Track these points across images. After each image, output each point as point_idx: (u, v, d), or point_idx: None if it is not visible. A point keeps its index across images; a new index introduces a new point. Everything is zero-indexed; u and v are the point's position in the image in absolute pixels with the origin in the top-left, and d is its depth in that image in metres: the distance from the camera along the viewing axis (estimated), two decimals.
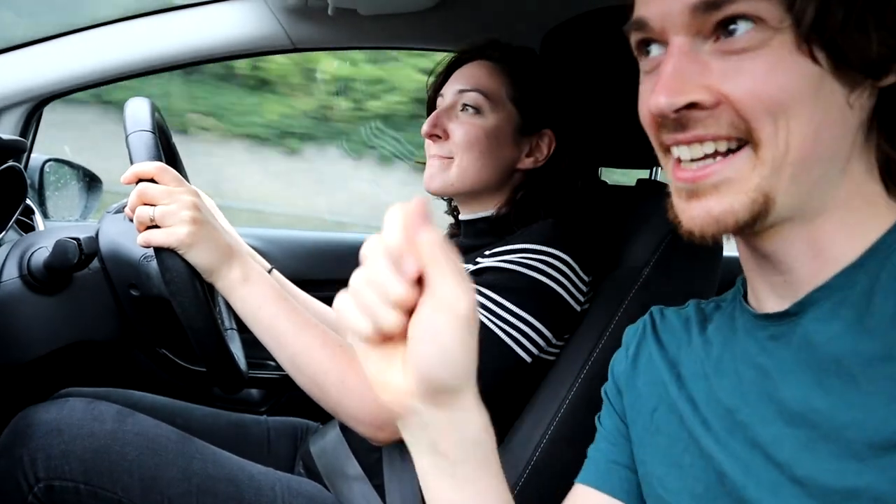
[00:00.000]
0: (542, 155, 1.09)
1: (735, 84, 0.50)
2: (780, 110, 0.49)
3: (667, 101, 0.51)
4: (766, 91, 0.49)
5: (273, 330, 0.94)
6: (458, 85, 1.09)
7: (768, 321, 0.58)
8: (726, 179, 0.52)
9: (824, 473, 0.50)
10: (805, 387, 0.53)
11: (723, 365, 0.62)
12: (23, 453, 0.93)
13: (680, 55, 0.52)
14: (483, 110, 1.06)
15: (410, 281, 0.46)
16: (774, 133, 0.50)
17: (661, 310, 0.75)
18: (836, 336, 0.52)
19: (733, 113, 0.51)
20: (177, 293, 0.88)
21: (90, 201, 1.67)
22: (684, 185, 0.54)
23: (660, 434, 0.66)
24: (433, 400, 0.49)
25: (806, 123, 0.50)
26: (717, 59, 0.51)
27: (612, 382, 0.76)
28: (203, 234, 0.90)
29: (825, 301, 0.54)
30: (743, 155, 0.51)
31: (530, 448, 0.97)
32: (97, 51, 1.39)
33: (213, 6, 1.42)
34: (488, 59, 1.10)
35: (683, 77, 0.51)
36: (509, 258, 0.96)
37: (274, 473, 1.05)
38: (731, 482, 0.56)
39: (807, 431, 0.52)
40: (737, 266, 0.66)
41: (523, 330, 0.94)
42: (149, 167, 0.91)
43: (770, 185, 0.51)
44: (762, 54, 0.50)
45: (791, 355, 0.55)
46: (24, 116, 1.38)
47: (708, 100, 0.51)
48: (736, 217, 0.52)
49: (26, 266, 1.02)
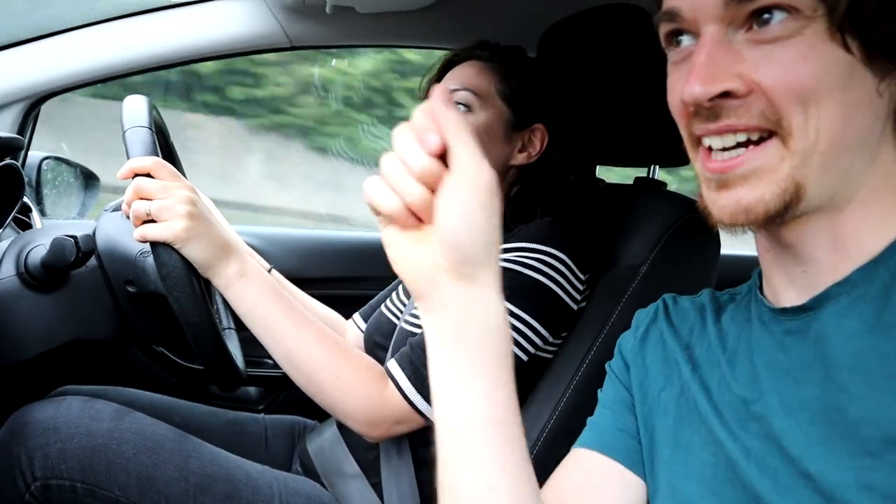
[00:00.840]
0: (534, 150, 1.09)
1: (767, 72, 0.50)
2: (810, 98, 0.50)
3: (701, 89, 0.51)
4: (797, 79, 0.49)
5: (270, 326, 0.94)
6: (449, 84, 1.10)
7: (784, 315, 0.58)
8: (756, 169, 0.52)
9: (837, 469, 0.49)
10: (821, 382, 0.53)
11: (738, 356, 0.62)
12: (20, 452, 0.93)
13: (713, 44, 0.52)
14: (473, 108, 1.07)
15: (433, 153, 0.50)
16: (804, 122, 0.50)
17: (675, 297, 0.74)
18: (854, 332, 0.52)
19: (765, 101, 0.51)
20: (173, 288, 0.88)
21: (87, 199, 1.67)
22: (714, 176, 0.54)
23: (668, 415, 0.65)
24: (458, 272, 0.51)
25: (836, 112, 0.50)
26: (749, 49, 0.51)
27: (620, 359, 0.75)
28: (199, 228, 0.90)
29: (844, 296, 0.54)
30: (772, 145, 0.51)
31: (528, 445, 0.97)
32: (94, 48, 1.39)
33: (210, 4, 1.41)
34: (478, 58, 1.11)
35: (717, 65, 0.51)
36: (506, 257, 0.96)
37: (271, 472, 1.06)
38: (740, 471, 0.56)
39: (821, 427, 0.52)
40: (734, 264, 0.66)
41: (519, 328, 0.94)
42: (145, 162, 0.91)
43: (801, 174, 0.51)
44: (795, 43, 0.50)
45: (807, 350, 0.55)
46: (21, 114, 1.37)
47: (740, 88, 0.51)
48: (766, 207, 0.51)
49: (23, 264, 1.01)
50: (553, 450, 0.97)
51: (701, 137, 0.55)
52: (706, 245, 1.04)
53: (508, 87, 1.08)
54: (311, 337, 0.94)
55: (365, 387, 0.94)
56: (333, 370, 0.93)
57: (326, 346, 0.94)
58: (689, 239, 1.01)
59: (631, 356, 0.73)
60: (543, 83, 1.10)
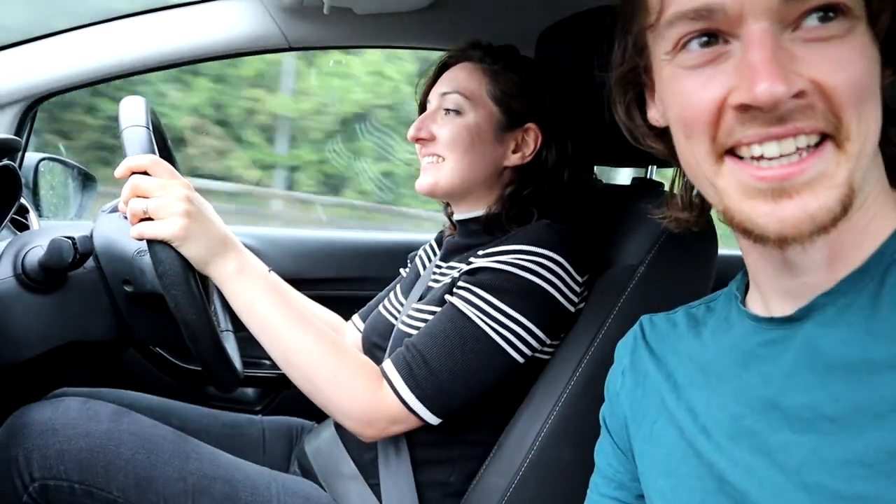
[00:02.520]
0: (528, 150, 1.09)
1: (828, 71, 0.48)
2: (865, 99, 0.49)
3: (784, 88, 0.47)
4: (857, 79, 0.48)
5: (266, 323, 0.94)
6: (441, 88, 1.11)
7: (770, 325, 0.57)
8: (819, 174, 0.49)
9: (833, 480, 0.49)
10: (811, 392, 0.52)
11: (723, 370, 0.61)
12: (18, 453, 0.93)
13: (773, 41, 0.48)
14: (464, 110, 1.08)
15: None
16: (860, 124, 0.49)
17: (650, 318, 0.74)
18: (843, 342, 0.51)
19: (825, 103, 0.48)
20: (170, 286, 0.88)
21: (85, 200, 1.67)
22: (770, 185, 0.49)
23: (659, 446, 0.66)
24: None
25: (877, 113, 0.50)
26: (801, 47, 0.49)
27: (608, 403, 0.76)
28: (196, 226, 0.90)
29: (831, 306, 0.53)
30: (828, 149, 0.49)
31: (525, 447, 0.97)
32: (92, 50, 1.39)
33: (208, 5, 1.42)
34: (470, 59, 1.11)
35: (782, 64, 0.48)
36: (503, 259, 0.97)
37: (270, 473, 1.05)
38: (733, 489, 0.56)
39: (815, 437, 0.51)
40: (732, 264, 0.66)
41: (516, 331, 0.94)
42: (142, 160, 0.91)
43: (854, 178, 0.49)
44: (850, 42, 0.48)
45: (795, 360, 0.54)
46: (18, 115, 1.37)
47: (809, 88, 0.48)
48: (833, 213, 0.48)
49: (21, 265, 1.01)
50: (551, 452, 0.97)
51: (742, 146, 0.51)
52: (703, 246, 1.04)
53: (498, 88, 1.08)
54: (308, 335, 0.94)
55: (361, 386, 0.94)
56: (330, 368, 0.93)
57: (323, 345, 0.94)
58: (686, 239, 1.01)
59: (619, 395, 0.74)
60: (535, 82, 1.10)
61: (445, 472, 1.04)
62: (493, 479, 1.00)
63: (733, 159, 0.52)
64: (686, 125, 0.54)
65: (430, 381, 0.93)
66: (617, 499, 0.74)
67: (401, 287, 1.25)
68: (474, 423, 1.03)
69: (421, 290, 1.15)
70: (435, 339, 0.95)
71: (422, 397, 0.93)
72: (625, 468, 0.73)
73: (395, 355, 0.97)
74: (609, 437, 0.76)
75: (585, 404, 0.95)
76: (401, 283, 1.28)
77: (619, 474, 0.74)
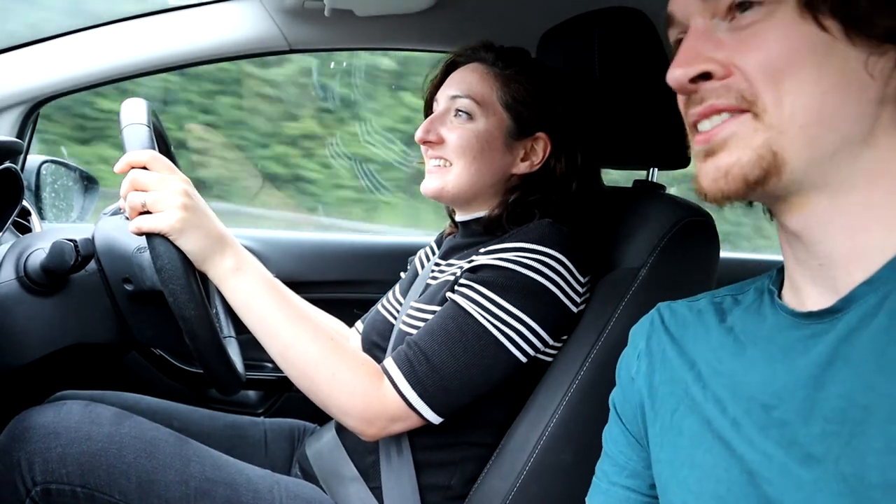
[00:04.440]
0: (537, 159, 1.08)
1: (743, 54, 0.54)
2: (783, 75, 0.53)
3: (680, 71, 0.57)
4: (767, 58, 0.53)
5: (265, 321, 0.94)
6: (450, 90, 1.09)
7: (809, 319, 0.58)
8: (733, 134, 0.55)
9: (867, 469, 0.49)
10: (846, 383, 0.52)
11: (754, 362, 0.61)
12: (20, 457, 0.93)
13: (695, 34, 0.57)
14: (474, 116, 1.06)
15: None
16: (778, 98, 0.53)
17: (669, 305, 0.74)
18: (881, 331, 0.52)
19: (742, 81, 0.54)
20: (168, 281, 0.88)
21: (87, 203, 1.67)
22: (701, 148, 0.58)
23: (682, 436, 0.65)
24: None
25: (812, 88, 0.52)
26: (729, 36, 0.56)
27: (620, 388, 0.76)
28: (194, 220, 0.90)
29: (872, 295, 0.53)
30: (745, 118, 0.55)
31: (528, 449, 0.97)
32: (93, 52, 1.39)
33: (209, 7, 1.42)
34: (482, 61, 1.10)
35: (696, 51, 0.56)
36: (505, 256, 0.96)
37: (272, 476, 1.05)
38: (763, 481, 0.56)
39: (849, 427, 0.51)
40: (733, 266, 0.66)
41: (518, 329, 0.94)
42: (141, 155, 0.91)
43: (778, 144, 0.53)
44: (766, 26, 0.54)
45: (831, 352, 0.54)
46: (20, 118, 1.38)
47: (718, 70, 0.55)
48: (743, 171, 0.54)
49: (23, 268, 1.01)
50: (553, 455, 0.97)
51: (696, 124, 0.59)
52: (706, 247, 1.04)
53: (510, 95, 1.07)
54: (307, 332, 0.94)
55: (360, 384, 0.93)
56: (329, 366, 0.93)
57: (322, 342, 0.94)
58: (688, 241, 1.01)
59: (634, 379, 0.73)
60: (547, 91, 1.08)
61: (447, 476, 1.04)
62: (494, 483, 0.99)
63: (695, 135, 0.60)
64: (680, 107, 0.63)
65: (432, 378, 0.93)
66: (629, 487, 0.73)
67: (400, 286, 1.25)
68: (476, 425, 1.03)
69: (420, 288, 1.15)
70: (437, 337, 0.95)
71: (423, 395, 0.93)
72: (638, 456, 0.73)
73: (397, 353, 0.97)
74: (620, 424, 0.75)
75: (588, 407, 0.95)
76: (400, 283, 1.28)
77: (631, 461, 0.73)
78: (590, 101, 1.10)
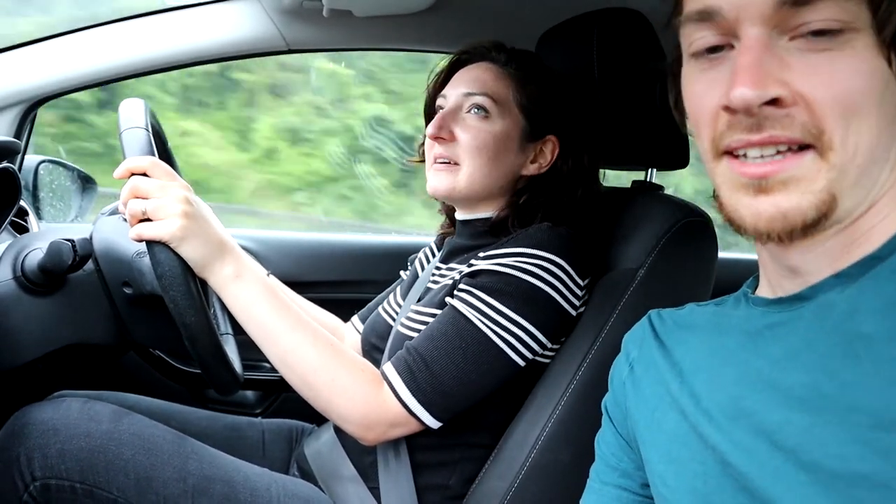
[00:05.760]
0: (545, 161, 1.09)
1: (816, 84, 0.49)
2: (854, 113, 0.49)
3: (755, 93, 0.49)
4: (846, 94, 0.49)
5: (265, 327, 0.94)
6: (463, 87, 1.07)
7: (778, 307, 0.58)
8: (794, 177, 0.51)
9: (830, 459, 0.49)
10: (811, 371, 0.53)
11: (727, 353, 0.62)
12: (19, 452, 0.92)
13: (760, 47, 0.50)
14: (491, 114, 1.05)
15: None
16: (845, 137, 0.49)
17: (659, 312, 0.75)
18: (842, 319, 0.52)
19: (807, 114, 0.49)
20: (168, 287, 0.88)
21: (84, 202, 1.67)
22: (753, 181, 0.52)
23: (661, 432, 0.66)
24: None
25: (874, 127, 0.50)
26: (795, 56, 0.50)
27: (612, 393, 0.76)
28: (195, 227, 0.90)
29: (839, 286, 0.54)
30: (809, 156, 0.50)
31: (525, 450, 0.97)
32: (91, 52, 1.39)
33: (207, 7, 1.42)
34: (493, 61, 1.09)
35: (766, 70, 0.49)
36: (504, 262, 0.96)
37: (269, 475, 1.05)
38: (735, 471, 0.56)
39: (812, 416, 0.51)
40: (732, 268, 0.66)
41: (517, 334, 0.94)
42: (141, 162, 0.91)
43: (837, 186, 0.51)
44: (846, 56, 0.49)
45: (798, 339, 0.55)
46: (18, 118, 1.37)
47: (788, 97, 0.49)
48: (804, 216, 0.51)
49: (20, 268, 1.01)
50: (551, 455, 0.97)
51: (735, 150, 0.53)
52: (704, 248, 1.04)
53: (525, 97, 1.06)
54: (307, 338, 0.94)
55: (360, 389, 0.94)
56: (329, 372, 0.93)
57: (322, 348, 0.94)
58: (686, 242, 1.02)
59: (625, 384, 0.74)
60: (558, 94, 1.08)
61: (445, 476, 1.04)
62: (492, 483, 1.00)
63: (728, 157, 0.54)
64: (695, 125, 0.57)
65: (431, 384, 0.93)
66: (621, 486, 0.74)
67: (400, 289, 1.25)
68: (474, 426, 1.03)
69: (420, 291, 1.15)
70: (436, 342, 0.95)
71: (423, 400, 0.93)
72: (629, 457, 0.73)
73: (396, 358, 0.97)
74: (612, 427, 0.75)
75: (586, 408, 0.95)
76: (400, 285, 1.28)
77: (622, 462, 0.74)
78: (588, 102, 1.10)
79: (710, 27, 0.53)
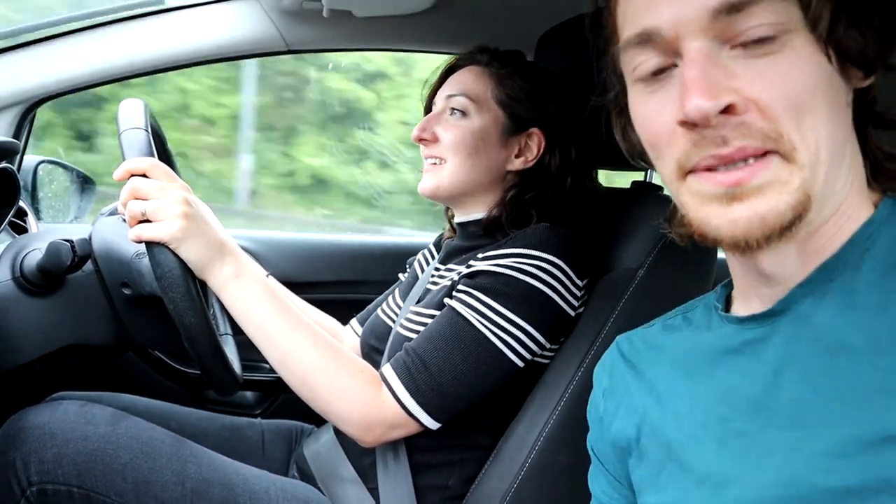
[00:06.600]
0: (531, 155, 1.09)
1: (763, 87, 0.49)
2: (806, 110, 0.49)
3: (708, 102, 0.48)
4: (794, 91, 0.49)
5: (264, 328, 0.94)
6: (446, 91, 1.11)
7: (752, 323, 0.58)
8: (768, 182, 0.50)
9: (815, 474, 0.49)
10: (795, 387, 0.53)
11: (706, 373, 0.61)
12: (15, 457, 0.92)
13: (703, 59, 0.50)
14: (469, 113, 1.08)
15: None
16: (804, 135, 0.49)
17: (627, 336, 0.74)
18: (822, 332, 0.52)
19: (762, 119, 0.49)
20: (168, 289, 0.88)
21: (83, 203, 1.67)
22: (727, 190, 0.51)
23: (646, 459, 0.66)
24: None
25: (827, 121, 0.50)
26: (739, 64, 0.50)
27: (593, 431, 0.76)
28: (194, 228, 0.90)
29: (809, 296, 0.54)
30: (774, 160, 0.50)
31: (524, 451, 0.97)
32: (91, 53, 1.38)
33: (207, 7, 1.42)
34: (477, 63, 1.12)
35: (714, 80, 0.49)
36: (503, 262, 0.96)
37: (269, 477, 1.05)
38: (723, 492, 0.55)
39: (796, 432, 0.51)
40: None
41: (516, 335, 0.94)
42: (141, 163, 0.91)
43: (811, 184, 0.50)
44: (786, 55, 0.49)
45: (778, 356, 0.55)
46: (17, 118, 1.37)
47: (740, 103, 0.49)
48: (781, 218, 0.50)
49: (19, 268, 1.01)
50: (550, 455, 0.97)
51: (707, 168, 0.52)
52: (703, 250, 1.04)
53: (504, 92, 1.08)
54: (306, 339, 0.94)
55: (360, 391, 0.94)
56: (328, 373, 0.93)
57: (321, 349, 0.94)
58: (686, 242, 1.01)
59: (603, 419, 0.73)
60: (541, 88, 1.10)
61: (444, 476, 1.04)
62: (492, 483, 0.99)
63: (696, 173, 0.53)
64: (651, 147, 0.56)
65: (430, 385, 0.93)
66: None
67: (399, 290, 1.25)
68: (473, 427, 1.03)
69: (419, 292, 1.15)
70: (434, 344, 0.95)
71: (421, 402, 0.93)
72: (620, 494, 0.72)
73: (395, 360, 0.97)
74: (600, 466, 0.75)
75: (584, 408, 0.95)
76: (399, 287, 1.28)
77: (614, 500, 0.73)
78: (588, 102, 1.10)
79: (652, 49, 0.53)
